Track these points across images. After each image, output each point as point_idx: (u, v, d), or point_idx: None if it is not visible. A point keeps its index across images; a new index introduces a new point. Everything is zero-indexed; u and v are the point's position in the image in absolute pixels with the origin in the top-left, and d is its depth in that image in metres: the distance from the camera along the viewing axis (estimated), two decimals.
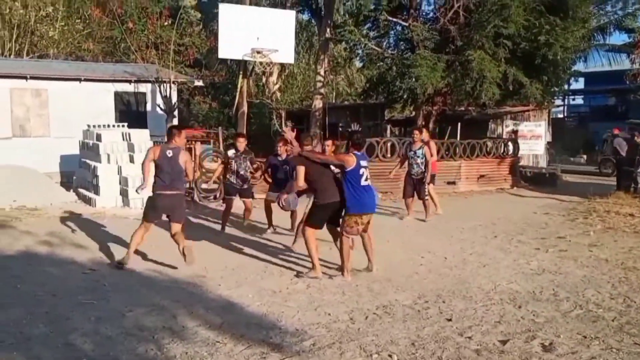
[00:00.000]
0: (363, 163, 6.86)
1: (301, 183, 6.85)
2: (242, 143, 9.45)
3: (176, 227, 7.21)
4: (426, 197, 10.98)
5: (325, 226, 7.09)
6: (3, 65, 17.22)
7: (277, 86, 26.14)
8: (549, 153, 22.58)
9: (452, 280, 6.85)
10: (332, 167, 7.04)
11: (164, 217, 7.35)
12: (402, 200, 11.58)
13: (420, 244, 8.88)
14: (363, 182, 6.78)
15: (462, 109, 19.81)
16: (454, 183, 15.67)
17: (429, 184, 11.08)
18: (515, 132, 19.99)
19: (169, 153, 7.16)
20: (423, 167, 10.92)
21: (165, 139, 7.76)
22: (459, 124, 18.69)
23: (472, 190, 15.71)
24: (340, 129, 24.76)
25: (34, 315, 5.36)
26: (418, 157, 10.98)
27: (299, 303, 5.88)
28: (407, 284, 6.66)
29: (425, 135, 11.35)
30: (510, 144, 17.51)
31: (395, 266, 7.43)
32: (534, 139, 20.91)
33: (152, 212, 7.36)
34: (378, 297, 6.13)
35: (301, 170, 6.78)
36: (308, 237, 6.80)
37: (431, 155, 11.01)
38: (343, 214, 6.89)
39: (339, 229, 6.99)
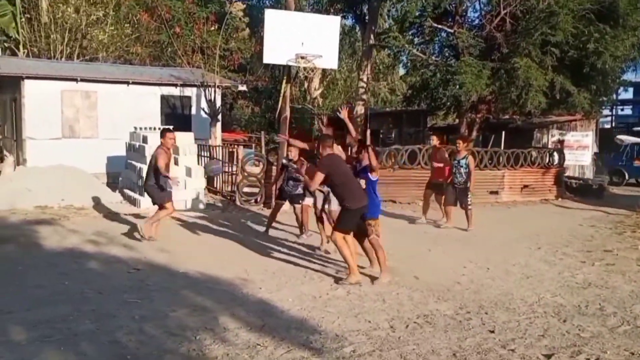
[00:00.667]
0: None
1: (315, 187, 7.13)
2: (293, 152, 9.50)
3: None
4: (469, 207, 10.85)
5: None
6: (55, 67, 17.75)
7: (319, 91, 26.30)
8: (596, 164, 22.03)
9: (495, 291, 6.74)
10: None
11: None
12: (442, 209, 11.46)
13: (462, 254, 8.77)
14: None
15: (507, 117, 19.53)
16: (496, 193, 15.42)
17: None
18: (561, 142, 19.59)
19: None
20: (466, 177, 10.80)
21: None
22: (503, 132, 18.40)
23: (515, 201, 15.43)
24: (381, 135, 24.74)
25: (81, 312, 5.50)
26: (461, 166, 10.86)
27: (339, 309, 5.88)
28: (449, 293, 6.58)
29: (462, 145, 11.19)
30: (555, 154, 17.17)
31: (437, 275, 7.36)
32: (580, 149, 20.48)
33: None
34: (419, 306, 6.08)
35: (320, 176, 6.79)
36: (340, 243, 6.77)
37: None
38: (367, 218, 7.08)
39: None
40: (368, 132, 17.43)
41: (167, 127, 10.38)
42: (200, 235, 9.69)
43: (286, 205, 10.20)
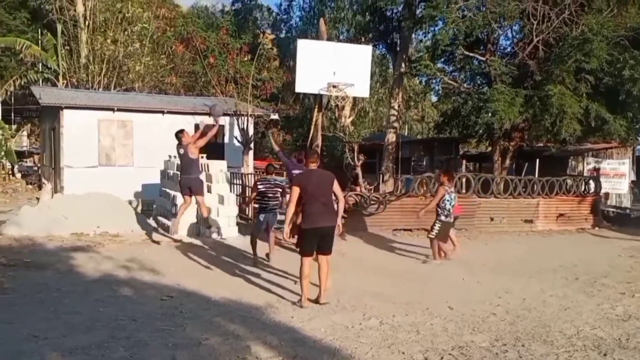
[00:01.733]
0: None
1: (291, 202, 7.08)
2: None
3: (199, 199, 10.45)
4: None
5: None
6: (92, 97, 18.24)
7: (349, 119, 26.42)
8: (633, 192, 21.53)
9: (532, 322, 6.58)
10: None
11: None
12: (475, 238, 11.29)
13: (497, 284, 8.62)
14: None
15: (541, 145, 19.30)
16: (531, 221, 15.16)
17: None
18: (597, 169, 19.22)
19: (181, 150, 10.40)
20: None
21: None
22: (537, 160, 18.16)
23: (550, 229, 15.14)
24: (412, 163, 24.65)
25: (115, 340, 5.54)
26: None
27: (372, 340, 5.80)
28: (484, 325, 6.45)
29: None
30: (591, 181, 16.83)
31: (471, 306, 7.23)
32: (617, 177, 20.03)
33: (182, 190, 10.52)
34: (454, 337, 5.96)
35: (294, 189, 6.98)
36: (302, 270, 7.02)
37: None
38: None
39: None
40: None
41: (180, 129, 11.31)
42: (232, 262, 9.72)
43: None
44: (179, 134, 10.74)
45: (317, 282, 7.21)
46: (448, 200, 10.07)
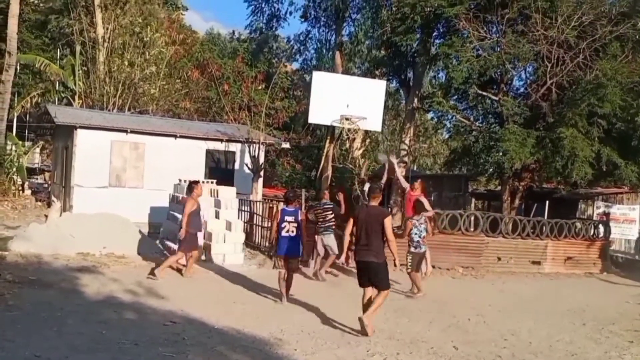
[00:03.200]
0: (287, 218, 8.66)
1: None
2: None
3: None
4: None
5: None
6: (107, 118, 18.42)
7: (360, 151, 26.50)
8: None
9: None
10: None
11: None
12: (482, 277, 11.19)
13: (504, 325, 8.51)
14: (284, 233, 8.62)
15: (551, 186, 19.23)
16: (539, 263, 15.02)
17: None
18: (607, 214, 19.10)
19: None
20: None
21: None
22: (547, 201, 18.08)
23: (558, 272, 14.98)
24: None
25: None
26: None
27: None
28: None
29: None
30: (601, 226, 16.71)
31: (477, 347, 7.14)
32: (626, 222, 19.88)
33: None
34: None
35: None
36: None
37: None
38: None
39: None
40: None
41: (195, 180, 11.35)
42: (237, 290, 9.67)
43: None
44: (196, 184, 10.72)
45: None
46: (416, 233, 10.26)
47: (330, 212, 11.41)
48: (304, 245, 9.09)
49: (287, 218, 8.65)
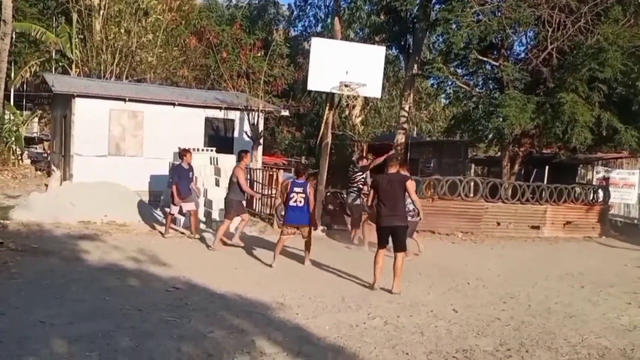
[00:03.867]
0: (296, 189, 9.04)
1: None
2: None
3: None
4: None
5: None
6: (105, 87, 18.30)
7: (359, 119, 26.39)
8: None
9: (536, 329, 6.57)
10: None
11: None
12: (482, 242, 11.26)
13: (503, 289, 8.60)
14: (291, 203, 9.01)
15: (551, 152, 19.21)
16: (538, 228, 15.11)
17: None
18: (606, 179, 19.13)
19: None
20: None
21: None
22: (547, 167, 18.09)
23: (557, 237, 15.08)
24: (420, 164, 24.59)
25: (121, 329, 5.56)
26: None
27: (376, 339, 5.81)
28: (488, 329, 6.44)
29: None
30: (600, 190, 16.76)
31: (476, 310, 7.22)
32: (626, 187, 19.92)
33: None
34: (457, 340, 5.96)
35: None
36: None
37: None
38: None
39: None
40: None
41: (244, 149, 11.82)
42: (239, 257, 9.75)
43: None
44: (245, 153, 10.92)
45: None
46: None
47: (360, 174, 11.91)
48: (312, 215, 9.40)
49: (296, 189, 9.04)
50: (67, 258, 8.69)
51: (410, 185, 8.12)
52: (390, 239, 8.07)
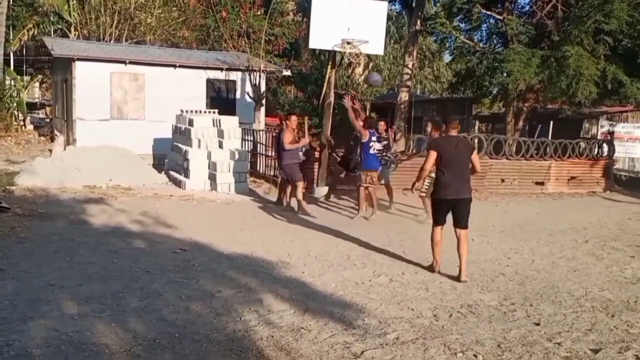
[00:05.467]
0: (373, 138, 9.93)
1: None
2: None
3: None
4: None
5: None
6: (104, 50, 18.12)
7: (362, 77, 26.13)
8: None
9: (540, 283, 6.64)
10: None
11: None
12: (486, 199, 11.22)
13: (506, 245, 8.67)
14: (371, 151, 9.86)
15: (555, 106, 19.07)
16: (542, 184, 15.11)
17: None
18: (611, 133, 19.04)
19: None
20: None
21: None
22: (551, 122, 17.98)
23: (561, 192, 15.09)
24: (423, 122, 24.49)
25: (130, 290, 5.65)
26: None
27: (382, 296, 5.88)
28: (493, 284, 6.52)
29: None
30: (605, 145, 16.68)
31: (480, 266, 7.29)
32: (631, 141, 19.83)
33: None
34: (462, 296, 6.04)
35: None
36: None
37: None
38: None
39: None
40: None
41: (291, 112, 12.26)
42: (244, 218, 9.81)
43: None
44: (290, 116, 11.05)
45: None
46: None
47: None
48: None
49: (373, 138, 10.02)
50: (74, 222, 8.76)
51: (476, 155, 7.02)
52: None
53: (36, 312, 4.92)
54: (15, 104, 21.65)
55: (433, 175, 9.35)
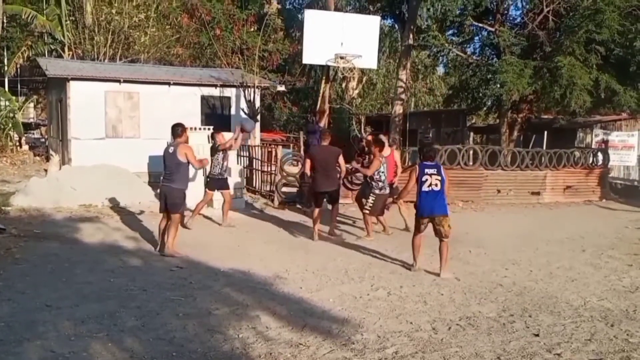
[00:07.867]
0: (427, 171, 7.41)
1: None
2: None
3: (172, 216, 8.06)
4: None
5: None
6: (99, 69, 18.16)
7: (356, 92, 26.25)
8: None
9: (538, 294, 6.63)
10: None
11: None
12: (482, 210, 11.27)
13: (504, 256, 8.65)
14: (425, 188, 7.34)
15: (549, 116, 19.15)
16: (538, 193, 15.14)
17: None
18: (605, 141, 19.10)
19: (170, 149, 8.24)
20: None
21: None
22: (545, 132, 18.05)
23: (557, 202, 15.12)
24: (419, 135, 24.56)
25: (127, 309, 5.61)
26: None
27: (380, 310, 5.86)
28: (491, 295, 6.50)
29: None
30: (599, 154, 16.74)
31: (478, 277, 7.28)
32: (625, 149, 19.90)
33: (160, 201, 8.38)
34: (461, 308, 6.01)
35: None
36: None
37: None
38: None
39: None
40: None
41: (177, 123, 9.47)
42: (240, 235, 9.78)
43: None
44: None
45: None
46: (383, 172, 9.44)
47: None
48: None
49: (427, 171, 7.41)
50: (70, 241, 8.72)
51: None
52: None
53: (32, 334, 4.88)
54: (10, 125, 21.63)
55: (377, 191, 9.38)
